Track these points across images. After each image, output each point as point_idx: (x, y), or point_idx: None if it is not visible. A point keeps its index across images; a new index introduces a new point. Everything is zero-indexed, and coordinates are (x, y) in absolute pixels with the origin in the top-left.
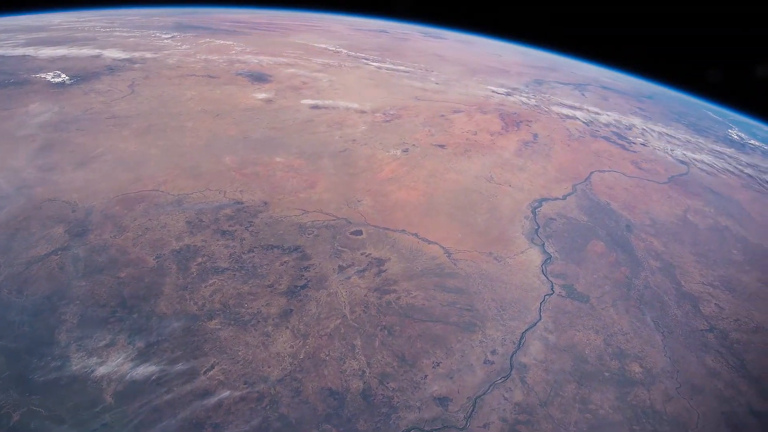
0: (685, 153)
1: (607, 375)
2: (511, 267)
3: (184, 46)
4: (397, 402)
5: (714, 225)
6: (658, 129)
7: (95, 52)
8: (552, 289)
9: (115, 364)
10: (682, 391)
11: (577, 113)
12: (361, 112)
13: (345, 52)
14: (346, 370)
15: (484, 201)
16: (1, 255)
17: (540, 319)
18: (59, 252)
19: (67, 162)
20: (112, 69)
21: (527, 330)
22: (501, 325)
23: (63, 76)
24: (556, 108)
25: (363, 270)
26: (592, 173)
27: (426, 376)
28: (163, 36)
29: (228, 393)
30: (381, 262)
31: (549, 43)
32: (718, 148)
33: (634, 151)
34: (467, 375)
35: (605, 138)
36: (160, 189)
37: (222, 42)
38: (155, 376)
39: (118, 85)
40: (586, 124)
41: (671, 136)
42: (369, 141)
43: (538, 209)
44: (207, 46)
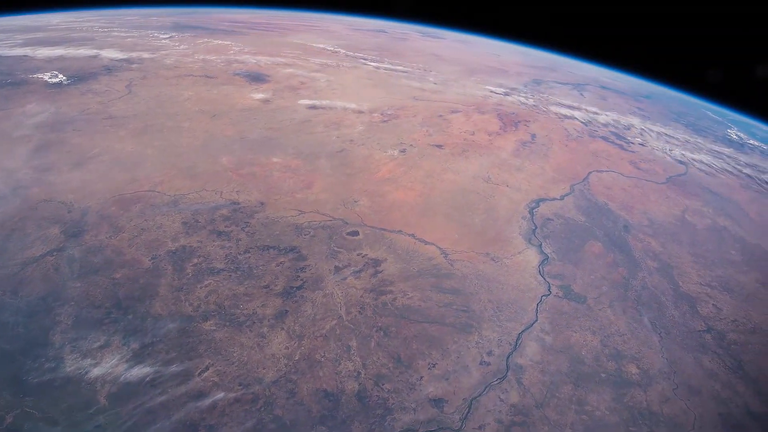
0: (683, 153)
1: (603, 376)
2: (508, 268)
3: (182, 47)
4: (392, 403)
5: (712, 225)
6: (656, 129)
7: (93, 52)
8: (549, 290)
9: (109, 366)
10: (679, 392)
11: (576, 113)
12: (359, 112)
13: (343, 52)
14: (341, 372)
15: (482, 201)
16: None
17: (536, 320)
18: (54, 253)
19: (63, 162)
20: (110, 69)
21: (524, 331)
22: (497, 326)
23: (60, 76)
24: (555, 108)
25: (359, 271)
26: (590, 173)
27: (421, 378)
28: (161, 36)
29: (222, 394)
30: (377, 262)
31: (548, 43)
32: (717, 148)
33: (633, 151)
34: (463, 376)
35: (603, 138)
36: (156, 189)
37: (220, 42)
38: (149, 378)
39: (116, 86)
40: (585, 124)
41: (670, 136)
42: (366, 141)
43: (536, 210)
44: (205, 46)
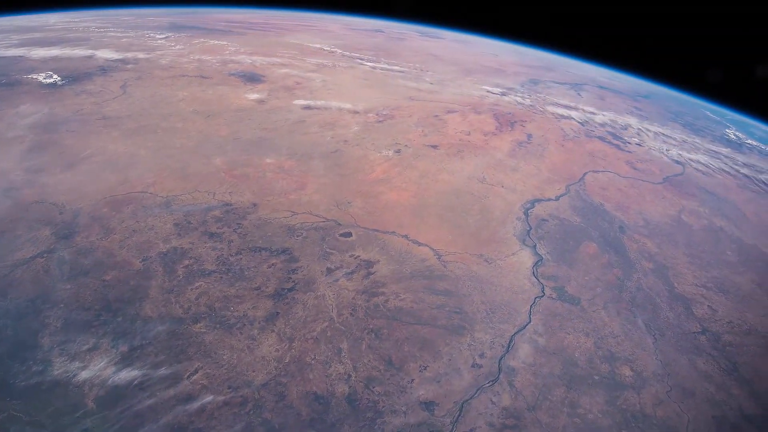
0: (680, 153)
1: (596, 378)
2: (502, 269)
3: (177, 47)
4: (383, 406)
5: (708, 226)
6: (654, 129)
7: (88, 52)
8: (543, 292)
9: (97, 369)
10: (672, 394)
11: (573, 113)
12: (354, 112)
13: (340, 52)
14: (331, 374)
15: (476, 202)
16: None
17: (530, 321)
18: (45, 255)
19: (55, 164)
20: (105, 69)
21: (516, 333)
22: (490, 328)
23: (55, 76)
24: (552, 108)
25: (351, 272)
26: (585, 174)
27: (413, 380)
28: (157, 36)
29: (211, 398)
30: (370, 264)
31: (547, 43)
32: (715, 148)
33: (629, 152)
34: (454, 379)
35: (600, 138)
36: (148, 191)
37: (216, 42)
38: (138, 381)
39: (110, 86)
40: (581, 124)
41: (667, 136)
42: (361, 142)
43: (531, 210)
44: (201, 46)
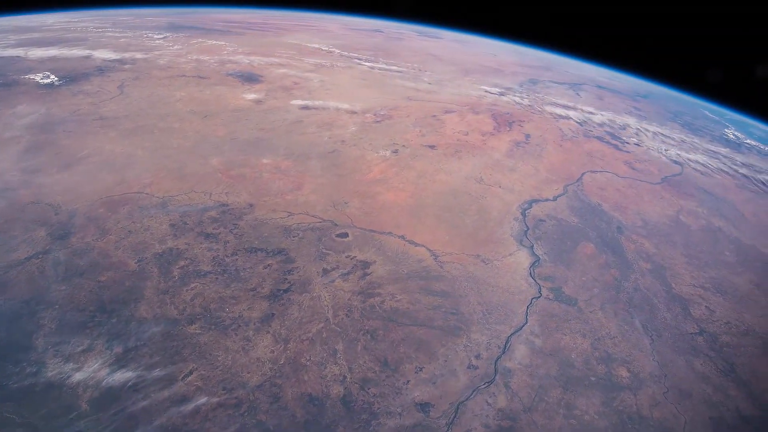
0: (679, 153)
1: (593, 380)
2: (499, 270)
3: (175, 47)
4: (378, 408)
5: (707, 226)
6: (652, 129)
7: (85, 52)
8: (540, 292)
9: (91, 370)
10: (669, 395)
11: (571, 113)
12: (352, 112)
13: (338, 52)
14: (326, 376)
15: (473, 202)
16: None
17: (526, 322)
18: (40, 255)
19: (52, 164)
20: (102, 70)
21: (513, 334)
22: (486, 329)
23: (52, 77)
24: (550, 108)
25: (347, 273)
26: (583, 174)
27: (408, 382)
28: (155, 36)
29: (205, 399)
30: (366, 264)
31: (547, 43)
32: (713, 148)
33: (628, 152)
34: (450, 380)
35: (598, 138)
36: (145, 191)
37: (214, 42)
38: (132, 382)
39: (107, 86)
40: (580, 124)
41: (666, 136)
42: (358, 142)
43: (528, 211)
44: (199, 46)
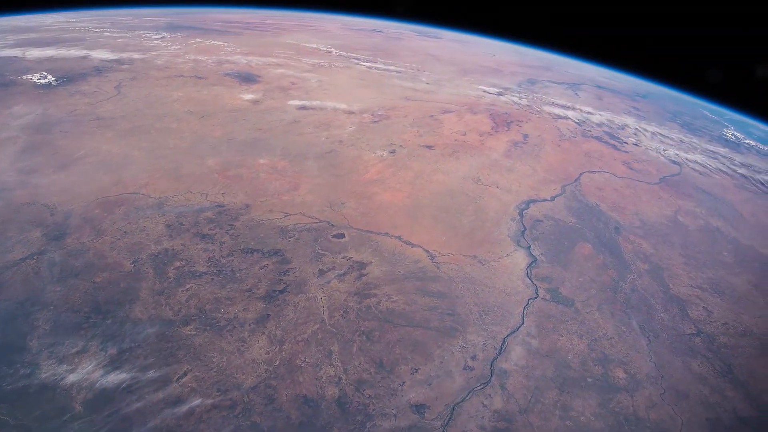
0: (677, 153)
1: (589, 381)
2: (496, 270)
3: (173, 47)
4: (373, 410)
5: (705, 226)
6: (651, 129)
7: (83, 53)
8: (536, 293)
9: (85, 372)
10: (666, 397)
11: (569, 113)
12: (349, 112)
13: (336, 52)
14: (321, 377)
15: (471, 203)
16: None
17: (523, 323)
18: (35, 256)
19: (48, 165)
20: (100, 70)
21: (509, 335)
22: (483, 330)
23: (49, 77)
24: (548, 108)
25: (343, 274)
26: (581, 174)
27: (404, 383)
28: (153, 36)
29: (200, 401)
30: (362, 265)
31: (547, 43)
32: (712, 148)
33: (626, 152)
34: (446, 381)
35: (597, 138)
36: (141, 192)
37: (212, 42)
38: (126, 384)
39: (105, 87)
40: (578, 124)
41: (664, 136)
42: (356, 142)
43: (526, 211)
44: (197, 46)
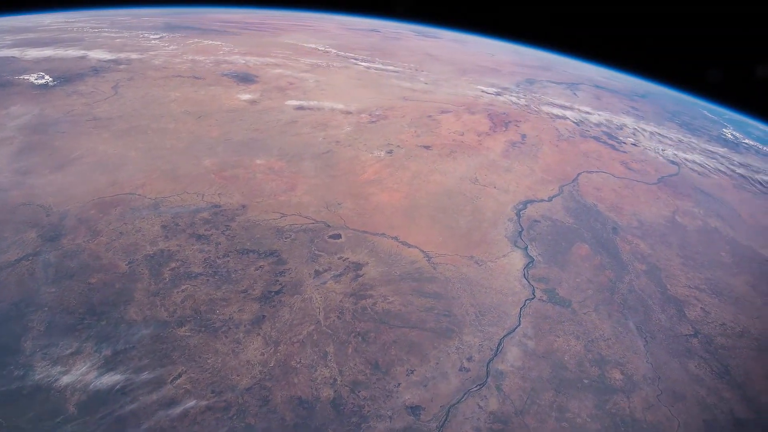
0: (676, 153)
1: (586, 382)
2: (492, 271)
3: (171, 47)
4: (368, 411)
5: (703, 227)
6: (650, 129)
7: (81, 53)
8: (533, 294)
9: (79, 373)
10: (663, 398)
11: (568, 113)
12: (347, 112)
13: (334, 52)
14: (316, 378)
15: (468, 203)
16: None
17: (519, 324)
18: (30, 257)
19: (44, 165)
20: (97, 70)
21: (506, 336)
22: (479, 331)
23: (47, 77)
24: (547, 108)
25: (339, 275)
26: (579, 174)
27: (399, 384)
28: (151, 36)
29: (194, 402)
30: (358, 266)
31: (546, 43)
32: (711, 148)
33: (624, 152)
34: (441, 383)
35: (595, 138)
36: (137, 192)
37: (210, 42)
38: (120, 385)
39: (102, 87)
40: (576, 124)
41: (663, 136)
42: (353, 142)
43: (523, 211)
44: (195, 46)
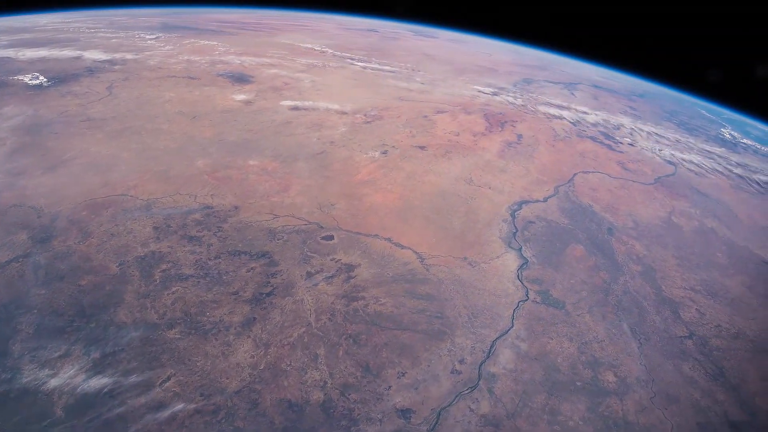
0: (673, 153)
1: (579, 384)
2: (486, 272)
3: (167, 47)
4: (358, 414)
5: (699, 227)
6: (647, 128)
7: (76, 53)
8: (527, 295)
9: (67, 376)
10: (656, 400)
11: (564, 113)
12: (342, 113)
13: (331, 52)
14: (307, 381)
15: (462, 204)
16: None
17: (512, 326)
18: (21, 259)
19: (36, 166)
20: (92, 71)
21: (498, 338)
22: (471, 333)
23: (41, 78)
24: (544, 108)
25: (331, 276)
26: (575, 174)
27: (390, 387)
28: (148, 37)
29: (182, 405)
30: (351, 268)
31: (545, 42)
32: (708, 148)
33: (621, 152)
34: (433, 385)
35: (592, 138)
36: (129, 194)
37: (206, 42)
38: (108, 389)
39: (96, 87)
40: (573, 124)
41: (660, 136)
42: (347, 143)
43: (518, 212)
44: (191, 46)
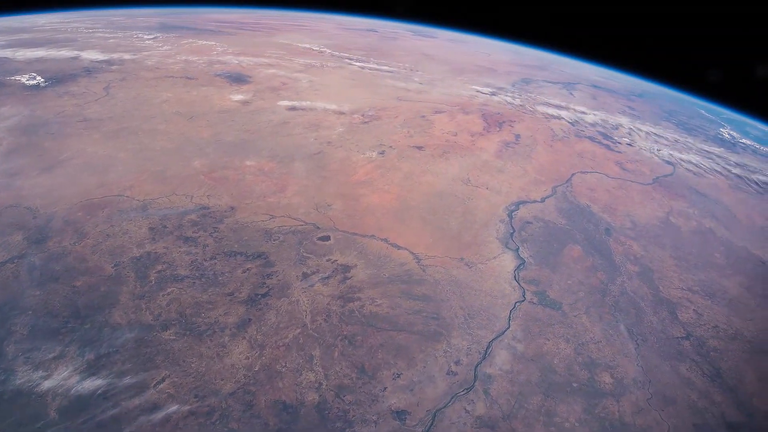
0: (672, 153)
1: (575, 386)
2: (482, 273)
3: (165, 47)
4: (353, 416)
5: (697, 227)
6: (645, 128)
7: (74, 53)
8: (523, 296)
9: (61, 378)
10: (653, 402)
11: (563, 113)
12: (339, 113)
13: (329, 52)
14: (302, 383)
15: (459, 204)
16: None
17: (509, 327)
18: (15, 260)
19: (32, 167)
20: (89, 71)
21: (494, 339)
22: (467, 334)
23: (38, 78)
24: (542, 108)
25: (327, 277)
26: (573, 175)
27: (385, 389)
28: (146, 37)
29: (177, 407)
30: (347, 268)
31: (544, 42)
32: (707, 148)
33: (619, 152)
34: (428, 387)
35: (590, 138)
36: (125, 194)
37: (204, 42)
38: (102, 390)
39: (93, 88)
40: (572, 124)
41: (659, 136)
42: (345, 143)
43: (515, 212)
44: (189, 46)
